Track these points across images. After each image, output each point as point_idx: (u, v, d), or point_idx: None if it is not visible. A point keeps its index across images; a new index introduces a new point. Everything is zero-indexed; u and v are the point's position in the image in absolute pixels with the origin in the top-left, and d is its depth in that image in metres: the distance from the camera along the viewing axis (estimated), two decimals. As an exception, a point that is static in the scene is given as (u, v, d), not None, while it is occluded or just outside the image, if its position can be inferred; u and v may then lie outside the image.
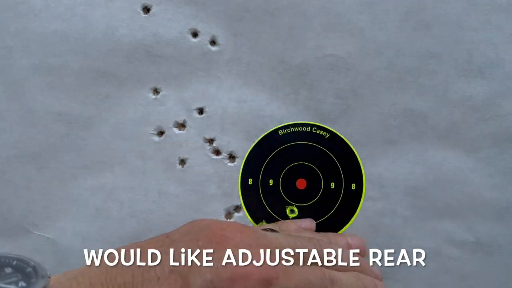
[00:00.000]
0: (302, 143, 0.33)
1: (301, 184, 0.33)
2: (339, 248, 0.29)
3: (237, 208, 0.34)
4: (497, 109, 0.32)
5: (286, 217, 0.34)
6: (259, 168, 0.34)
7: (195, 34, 0.33)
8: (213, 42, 0.33)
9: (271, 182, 0.34)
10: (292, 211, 0.34)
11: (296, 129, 0.33)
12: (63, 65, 0.33)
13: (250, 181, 0.33)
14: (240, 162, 0.33)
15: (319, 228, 0.34)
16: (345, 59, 0.32)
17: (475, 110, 0.32)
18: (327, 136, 0.33)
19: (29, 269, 0.22)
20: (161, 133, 0.33)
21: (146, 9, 0.32)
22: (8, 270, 0.22)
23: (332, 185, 0.33)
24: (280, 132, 0.33)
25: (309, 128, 0.33)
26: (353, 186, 0.33)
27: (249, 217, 0.34)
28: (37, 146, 0.33)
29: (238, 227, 0.26)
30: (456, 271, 0.33)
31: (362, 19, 0.32)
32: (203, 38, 0.33)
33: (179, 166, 0.34)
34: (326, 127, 0.33)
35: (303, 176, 0.33)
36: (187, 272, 0.23)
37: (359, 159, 0.33)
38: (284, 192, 0.34)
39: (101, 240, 0.34)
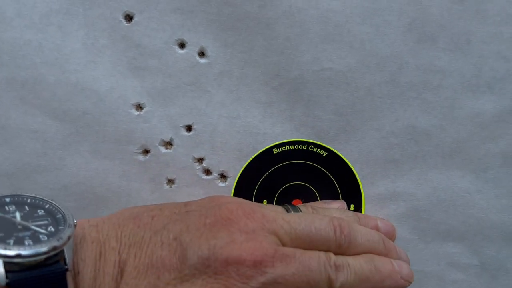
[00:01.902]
0: (298, 162, 0.32)
1: (297, 204, 0.32)
2: (363, 232, 0.28)
3: (229, 231, 0.32)
4: (507, 126, 0.31)
5: (280, 240, 0.32)
6: (252, 188, 0.32)
7: (182, 45, 0.31)
8: (201, 54, 0.31)
9: (265, 202, 0.32)
10: (287, 233, 0.32)
11: (292, 147, 0.32)
12: (38, 78, 0.30)
13: (242, 203, 0.32)
14: (232, 182, 0.32)
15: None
16: (344, 73, 0.30)
17: (483, 127, 0.31)
18: (324, 155, 0.32)
19: (59, 215, 0.23)
20: (146, 151, 0.32)
21: (129, 18, 0.30)
22: (41, 212, 0.24)
23: (330, 206, 0.32)
24: (275, 151, 0.32)
25: (306, 146, 0.32)
26: (352, 207, 0.32)
27: (241, 240, 0.32)
28: (12, 166, 0.31)
29: (247, 210, 0.26)
30: (459, 295, 0.32)
31: (363, 30, 0.30)
32: (191, 49, 0.31)
33: (167, 186, 0.32)
34: (324, 145, 0.31)
35: (299, 196, 0.32)
36: (187, 244, 0.24)
37: (358, 178, 0.32)
38: (278, 213, 0.32)
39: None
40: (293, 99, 0.31)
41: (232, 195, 0.32)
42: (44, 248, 0.22)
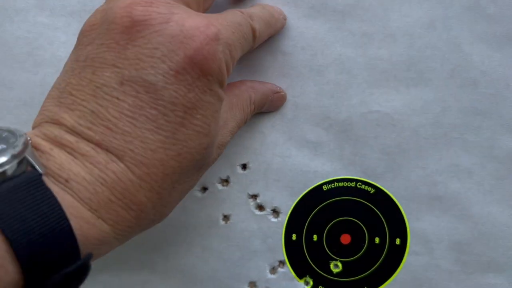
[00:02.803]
0: (346, 199, 0.34)
1: (345, 239, 0.34)
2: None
3: (281, 264, 0.34)
4: (543, 165, 0.33)
5: (330, 272, 0.34)
6: (303, 223, 0.34)
7: (239, 90, 0.33)
8: (257, 98, 0.33)
9: (315, 237, 0.34)
10: (336, 266, 0.34)
11: (341, 184, 0.34)
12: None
13: (294, 237, 0.34)
14: (283, 218, 0.34)
15: (363, 283, 0.34)
16: (390, 115, 0.33)
17: (521, 166, 0.33)
18: (371, 192, 0.34)
19: (4, 134, 0.22)
20: (204, 189, 0.34)
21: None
22: None
23: (377, 240, 0.34)
24: (325, 188, 0.34)
25: (354, 183, 0.34)
26: (398, 241, 0.34)
27: (293, 272, 0.34)
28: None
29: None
30: (500, 325, 0.34)
31: (409, 76, 0.32)
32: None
33: (223, 222, 0.34)
34: (371, 182, 0.34)
35: (347, 231, 0.34)
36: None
37: (404, 214, 0.34)
38: (328, 247, 0.34)
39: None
40: (342, 139, 0.33)
41: (284, 230, 0.34)
42: (3, 158, 0.20)
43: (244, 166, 0.34)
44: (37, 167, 0.22)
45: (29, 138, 0.23)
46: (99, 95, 0.23)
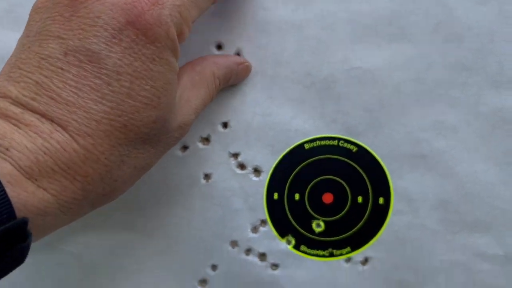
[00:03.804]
0: (328, 157, 0.34)
1: (327, 198, 0.34)
2: None
3: (263, 223, 0.34)
4: (530, 121, 0.32)
5: (312, 231, 0.34)
6: (284, 182, 0.34)
7: (219, 46, 0.33)
8: (237, 55, 0.33)
9: (297, 196, 0.34)
10: (318, 225, 0.34)
11: (323, 142, 0.34)
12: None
13: (275, 196, 0.34)
14: (265, 177, 0.34)
15: (346, 242, 0.34)
16: (372, 72, 0.33)
17: (507, 122, 0.32)
18: (354, 150, 0.34)
19: None
20: (184, 147, 0.34)
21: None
22: None
23: (360, 199, 0.34)
24: (306, 146, 0.34)
25: (336, 141, 0.34)
26: (381, 200, 0.34)
27: (274, 231, 0.34)
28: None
29: None
30: (485, 285, 0.34)
31: (391, 31, 0.32)
32: (227, 51, 0.33)
33: (204, 181, 0.34)
34: (354, 140, 0.33)
35: (330, 190, 0.34)
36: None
37: (387, 172, 0.34)
38: (310, 206, 0.34)
39: (127, 253, 0.35)
40: (324, 97, 0.33)
41: (265, 189, 0.34)
42: None
43: (225, 125, 0.34)
44: None
45: None
46: (43, 66, 0.23)
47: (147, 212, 0.34)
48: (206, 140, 0.34)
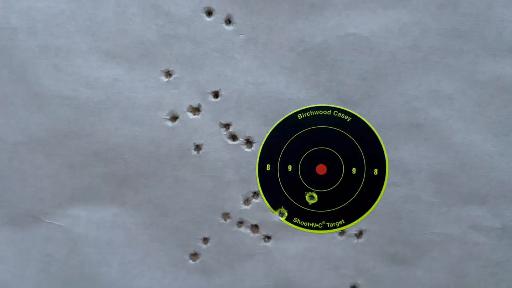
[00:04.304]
0: (322, 127, 0.33)
1: (321, 169, 0.33)
2: None
3: (255, 195, 0.34)
4: (527, 90, 0.32)
5: (305, 203, 0.34)
6: (277, 153, 0.33)
7: (209, 13, 0.32)
8: (228, 21, 0.32)
9: (290, 167, 0.33)
10: (311, 197, 0.34)
11: (316, 112, 0.33)
12: (71, 46, 0.32)
13: (268, 167, 0.33)
14: (257, 148, 0.33)
15: (339, 215, 0.33)
16: (368, 38, 0.32)
17: (505, 91, 0.32)
18: (348, 120, 0.33)
19: None
20: (174, 118, 0.33)
21: (158, -13, 0.32)
22: None
23: (354, 170, 0.33)
24: (300, 116, 0.33)
25: (330, 111, 0.33)
26: (376, 172, 0.33)
27: (267, 203, 0.34)
28: (44, 132, 0.33)
29: None
30: (481, 258, 0.33)
31: (387, -4, 0.31)
32: (218, 17, 0.32)
33: (195, 152, 0.33)
34: (348, 110, 0.33)
35: (323, 161, 0.33)
36: None
37: (382, 143, 0.33)
38: (303, 178, 0.33)
39: (116, 227, 0.34)
40: (317, 65, 0.32)
41: (257, 160, 0.33)
42: None
43: (215, 94, 0.33)
44: None
45: None
46: None
47: (136, 184, 0.34)
48: (197, 110, 0.33)
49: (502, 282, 0.33)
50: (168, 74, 0.33)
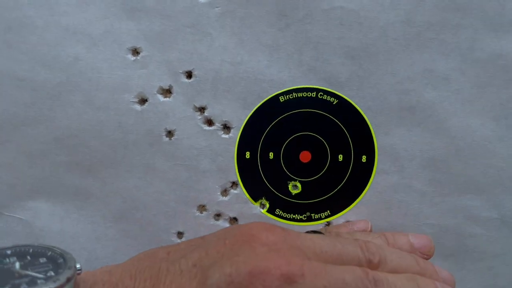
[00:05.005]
0: (306, 111, 0.31)
1: (305, 157, 0.31)
2: (393, 251, 0.27)
3: (234, 185, 0.32)
4: (531, 69, 0.29)
5: (288, 194, 0.31)
6: (257, 139, 0.31)
7: (180, -16, 0.29)
8: (202, -7, 0.29)
9: (271, 155, 0.31)
10: (295, 186, 0.32)
11: (300, 94, 0.30)
12: (25, 21, 0.29)
13: (247, 155, 0.31)
14: (236, 133, 0.31)
15: (325, 205, 0.31)
16: (356, 12, 0.29)
17: (506, 70, 0.30)
18: (334, 102, 0.30)
19: (60, 260, 0.24)
20: (143, 100, 0.30)
21: (122, -46, 0.28)
22: (43, 260, 0.24)
23: (340, 157, 0.31)
24: (281, 99, 0.30)
25: (315, 93, 0.30)
26: (364, 158, 0.31)
27: (246, 194, 0.31)
28: (-1, 117, 0.30)
29: (267, 226, 0.25)
30: (477, 251, 0.32)
31: (378, -36, 0.28)
32: (190, -12, 0.29)
33: (166, 139, 0.31)
34: (334, 91, 0.30)
35: (307, 147, 0.31)
36: (208, 266, 0.24)
37: (371, 127, 0.31)
38: (286, 166, 0.31)
39: (82, 220, 0.31)
40: (301, 42, 0.30)
41: (236, 147, 0.31)
42: None
43: (189, 74, 0.30)
44: None
45: (78, 271, 0.24)
46: None
47: (103, 174, 0.31)
48: (168, 91, 0.30)
49: (500, 276, 0.32)
50: (135, 52, 0.30)
